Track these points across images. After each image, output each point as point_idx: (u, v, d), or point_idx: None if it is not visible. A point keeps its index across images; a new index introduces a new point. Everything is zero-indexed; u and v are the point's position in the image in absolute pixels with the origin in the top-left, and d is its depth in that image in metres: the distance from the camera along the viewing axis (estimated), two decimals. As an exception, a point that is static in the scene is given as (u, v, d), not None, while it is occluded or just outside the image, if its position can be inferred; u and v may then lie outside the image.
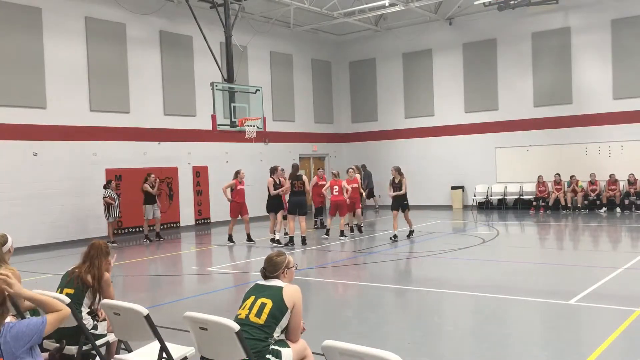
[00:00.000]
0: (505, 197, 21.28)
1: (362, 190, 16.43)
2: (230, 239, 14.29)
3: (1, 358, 2.99)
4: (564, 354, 5.67)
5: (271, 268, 4.24)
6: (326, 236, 14.50)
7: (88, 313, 4.91)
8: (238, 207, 14.22)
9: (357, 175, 15.74)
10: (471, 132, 22.04)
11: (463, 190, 22.29)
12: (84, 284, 4.89)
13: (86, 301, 4.90)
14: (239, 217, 14.32)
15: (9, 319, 3.19)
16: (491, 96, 21.62)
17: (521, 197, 20.93)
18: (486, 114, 21.71)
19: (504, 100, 21.37)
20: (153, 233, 15.76)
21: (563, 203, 19.54)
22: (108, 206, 15.01)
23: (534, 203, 20.19)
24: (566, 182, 19.76)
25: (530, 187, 20.68)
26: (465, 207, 22.03)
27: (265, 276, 4.24)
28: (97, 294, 4.93)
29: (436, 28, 22.63)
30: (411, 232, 14.23)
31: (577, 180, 19.47)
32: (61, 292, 4.84)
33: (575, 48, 19.97)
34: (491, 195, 21.56)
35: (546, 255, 12.37)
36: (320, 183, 15.66)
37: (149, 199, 15.43)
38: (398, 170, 13.91)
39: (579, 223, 17.09)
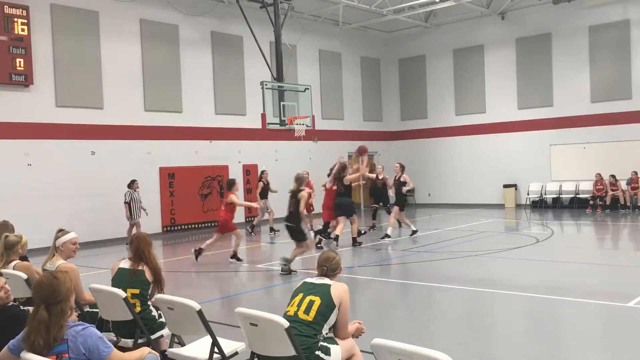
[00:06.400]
0: (561, 196, 20.68)
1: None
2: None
3: (67, 354, 3.23)
4: (622, 358, 5.47)
5: (334, 267, 4.36)
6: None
7: (153, 305, 5.04)
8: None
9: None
10: (525, 129, 21.50)
11: (516, 189, 21.79)
12: (147, 281, 5.01)
13: (150, 294, 5.04)
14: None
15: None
16: (546, 92, 21.04)
17: (577, 195, 20.29)
18: (540, 111, 21.14)
19: (559, 96, 20.76)
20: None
21: (622, 202, 18.84)
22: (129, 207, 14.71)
23: (591, 202, 19.53)
24: (624, 180, 18.97)
25: (587, 186, 20.01)
26: (518, 206, 21.53)
27: (325, 275, 4.31)
28: (160, 285, 5.06)
29: (488, 23, 22.19)
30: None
31: (638, 178, 18.70)
32: (125, 292, 4.81)
33: (635, 41, 19.20)
34: (545, 194, 20.99)
35: (603, 256, 11.95)
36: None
37: None
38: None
39: (639, 223, 16.43)
